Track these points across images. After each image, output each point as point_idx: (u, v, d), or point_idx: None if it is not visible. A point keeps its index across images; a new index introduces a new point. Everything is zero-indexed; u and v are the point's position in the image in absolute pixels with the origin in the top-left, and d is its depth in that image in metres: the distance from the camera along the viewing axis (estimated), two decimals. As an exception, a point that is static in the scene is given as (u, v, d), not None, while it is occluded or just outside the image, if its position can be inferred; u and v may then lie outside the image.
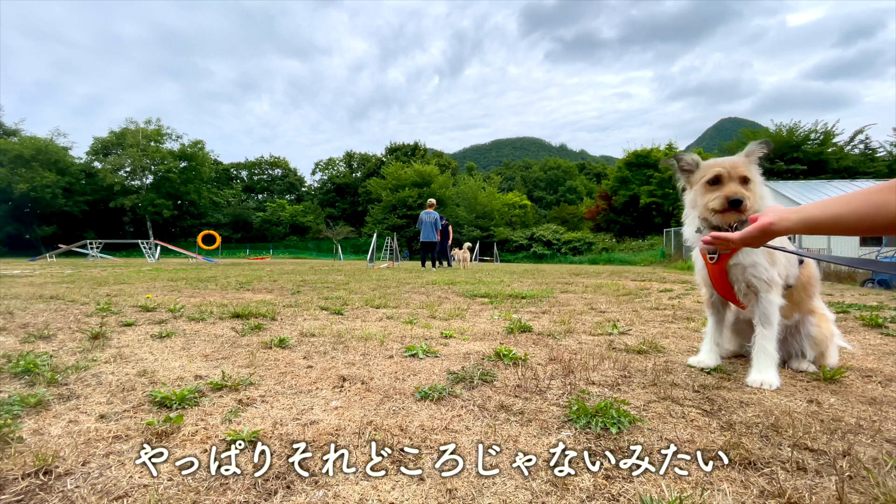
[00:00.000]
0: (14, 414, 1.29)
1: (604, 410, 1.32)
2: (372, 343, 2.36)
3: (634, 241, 31.04)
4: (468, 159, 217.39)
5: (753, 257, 1.74)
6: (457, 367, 1.91)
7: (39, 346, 2.21)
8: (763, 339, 1.77)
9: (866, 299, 5.13)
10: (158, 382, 1.64)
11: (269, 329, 2.73)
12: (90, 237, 23.91)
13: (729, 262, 1.77)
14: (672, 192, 33.22)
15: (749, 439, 1.20)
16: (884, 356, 2.24)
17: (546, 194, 66.77)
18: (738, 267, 1.76)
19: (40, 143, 33.33)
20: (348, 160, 57.59)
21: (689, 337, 2.68)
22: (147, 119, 39.00)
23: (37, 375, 1.66)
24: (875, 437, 1.24)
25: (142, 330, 2.65)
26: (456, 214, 36.31)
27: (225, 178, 54.54)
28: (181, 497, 0.91)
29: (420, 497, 0.93)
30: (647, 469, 1.05)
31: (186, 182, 40.08)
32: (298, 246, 39.79)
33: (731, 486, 0.98)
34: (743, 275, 1.76)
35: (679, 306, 4.16)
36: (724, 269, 1.80)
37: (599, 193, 43.83)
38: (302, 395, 1.55)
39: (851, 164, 22.86)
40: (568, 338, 2.60)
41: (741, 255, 1.74)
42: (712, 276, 1.86)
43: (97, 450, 1.10)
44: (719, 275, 1.82)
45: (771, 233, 1.27)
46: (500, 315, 3.45)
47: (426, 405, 1.46)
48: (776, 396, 1.59)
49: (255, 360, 1.98)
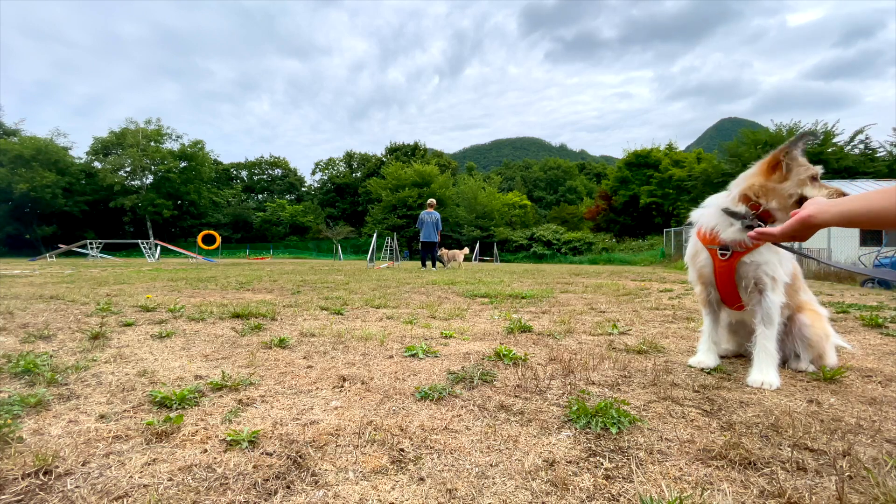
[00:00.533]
0: (14, 414, 1.29)
1: (604, 410, 1.32)
2: (372, 343, 2.36)
3: (634, 241, 31.07)
4: (468, 159, 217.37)
5: (766, 255, 1.73)
6: (457, 367, 1.91)
7: (39, 346, 2.21)
8: (764, 338, 1.77)
9: (866, 299, 5.12)
10: (158, 382, 1.64)
11: (269, 329, 2.73)
12: (90, 237, 23.92)
13: (742, 258, 1.75)
14: (672, 192, 33.25)
15: (749, 439, 1.20)
16: (884, 356, 2.24)
17: (546, 194, 66.79)
18: (750, 265, 1.75)
19: (40, 143, 33.34)
20: (348, 160, 57.61)
21: (689, 337, 2.68)
22: (147, 119, 39.07)
23: (37, 375, 1.66)
24: (875, 437, 1.24)
25: (142, 330, 2.65)
26: (456, 214, 36.32)
27: (225, 178, 54.56)
28: (181, 497, 0.91)
29: (420, 497, 0.93)
30: (647, 469, 1.05)
31: (186, 182, 40.08)
32: (298, 246, 39.80)
33: (731, 486, 0.98)
34: (754, 272, 1.75)
35: (679, 306, 4.16)
36: (733, 267, 1.78)
37: (599, 193, 43.88)
38: (302, 395, 1.55)
39: (851, 164, 22.87)
40: (568, 338, 2.60)
41: (754, 253, 1.73)
42: (718, 274, 1.84)
43: (97, 450, 1.10)
44: (727, 272, 1.80)
45: (812, 225, 1.26)
46: (500, 315, 3.45)
47: (426, 405, 1.46)
48: (776, 396, 1.59)
49: (255, 360, 1.98)
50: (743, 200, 1.73)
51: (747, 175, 1.75)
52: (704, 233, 1.84)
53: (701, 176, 26.87)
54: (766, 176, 1.68)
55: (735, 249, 1.75)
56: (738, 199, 1.75)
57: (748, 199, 1.72)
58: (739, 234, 1.73)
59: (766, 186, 1.68)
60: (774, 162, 1.66)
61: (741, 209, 1.73)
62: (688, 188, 29.74)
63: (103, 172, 36.77)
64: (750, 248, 1.73)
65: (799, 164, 1.65)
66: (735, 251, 1.75)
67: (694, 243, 1.93)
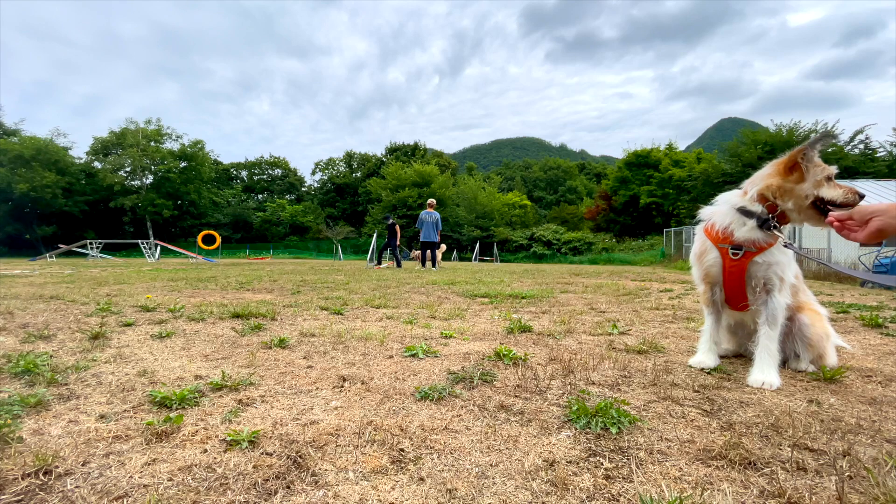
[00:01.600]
0: (14, 414, 1.29)
1: (604, 410, 1.32)
2: (372, 343, 2.36)
3: (634, 241, 31.06)
4: (468, 159, 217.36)
5: (778, 256, 1.73)
6: (457, 367, 1.91)
7: (39, 346, 2.21)
8: (767, 338, 1.77)
9: (866, 299, 5.12)
10: (158, 382, 1.64)
11: (269, 329, 2.73)
12: (90, 237, 23.92)
13: (755, 258, 1.75)
14: (672, 192, 33.24)
15: (749, 439, 1.20)
16: (884, 356, 2.24)
17: (546, 194, 66.78)
18: (762, 264, 1.75)
19: (40, 143, 33.30)
20: (348, 160, 57.58)
21: (689, 337, 2.68)
22: (147, 119, 39.01)
23: (37, 375, 1.66)
24: (875, 437, 1.24)
25: (142, 330, 2.65)
26: (456, 214, 36.33)
27: (225, 178, 54.54)
28: (181, 497, 0.91)
29: (420, 497, 0.93)
30: (647, 469, 1.05)
31: (186, 182, 40.07)
32: (298, 246, 39.78)
33: (731, 486, 0.98)
34: (765, 272, 1.75)
35: (679, 306, 4.16)
36: (744, 267, 1.77)
37: (599, 193, 43.87)
38: (302, 395, 1.55)
39: (851, 164, 22.85)
40: (568, 338, 2.60)
41: (766, 253, 1.73)
42: (727, 273, 1.82)
43: (97, 450, 1.10)
44: (737, 272, 1.80)
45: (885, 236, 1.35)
46: (500, 315, 3.45)
47: (426, 405, 1.46)
48: (776, 396, 1.59)
49: (255, 360, 1.98)
50: (760, 200, 1.73)
51: (764, 175, 1.74)
52: (717, 231, 1.81)
53: (701, 176, 26.86)
54: (783, 176, 1.68)
55: (748, 249, 1.75)
56: (755, 199, 1.74)
57: (765, 199, 1.72)
58: (754, 234, 1.73)
59: (783, 187, 1.68)
60: (791, 163, 1.67)
61: (757, 208, 1.73)
62: (688, 188, 29.73)
63: (103, 172, 36.75)
64: (763, 248, 1.73)
65: (815, 165, 1.65)
66: (747, 251, 1.75)
67: (702, 241, 1.90)
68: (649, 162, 37.39)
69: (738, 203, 1.78)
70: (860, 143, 24.64)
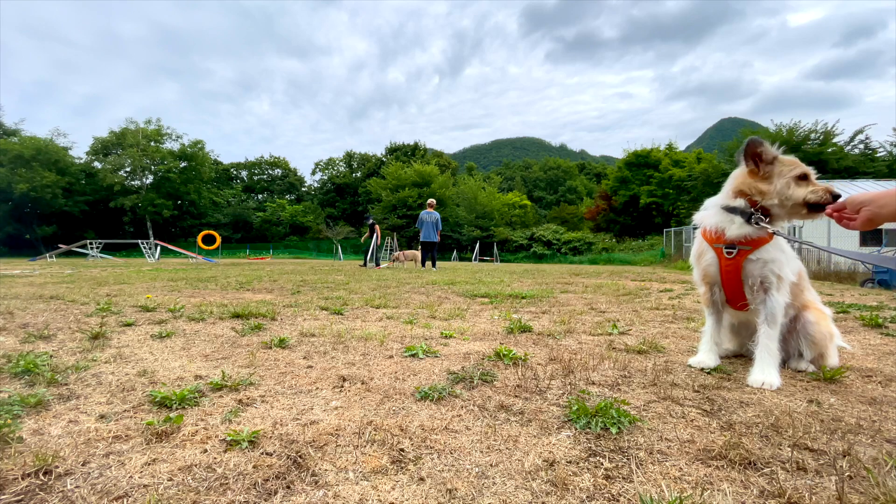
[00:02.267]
0: (14, 414, 1.29)
1: (604, 410, 1.32)
2: (372, 343, 2.36)
3: (634, 241, 31.05)
4: (468, 159, 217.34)
5: (773, 253, 1.73)
6: (457, 367, 1.91)
7: (39, 346, 2.21)
8: (767, 338, 1.77)
9: (866, 299, 5.12)
10: (158, 382, 1.64)
11: (269, 329, 2.73)
12: (90, 237, 23.91)
13: (749, 256, 1.76)
14: (672, 192, 33.25)
15: (749, 439, 1.20)
16: (884, 356, 2.24)
17: (546, 194, 66.78)
18: (757, 262, 1.75)
19: (40, 143, 33.30)
20: (348, 160, 57.58)
21: (689, 337, 2.68)
22: (147, 119, 38.99)
23: (37, 375, 1.66)
24: (875, 437, 1.24)
25: (142, 330, 2.65)
26: (456, 214, 36.33)
27: (225, 178, 54.52)
28: (181, 497, 0.91)
29: (420, 497, 0.93)
30: (647, 469, 1.05)
31: (186, 182, 40.06)
32: (298, 246, 39.77)
33: (731, 486, 0.98)
34: (760, 270, 1.75)
35: (679, 306, 4.16)
36: (740, 265, 1.78)
37: (599, 193, 43.86)
38: (302, 395, 1.55)
39: (851, 164, 22.84)
40: (568, 338, 2.60)
41: (761, 251, 1.74)
42: (724, 273, 1.84)
43: (97, 450, 1.10)
44: (733, 271, 1.80)
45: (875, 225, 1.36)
46: (500, 315, 3.45)
47: (426, 405, 1.46)
48: (776, 396, 1.59)
49: (255, 360, 1.98)
50: (739, 195, 1.76)
51: (736, 174, 1.80)
52: (710, 232, 1.84)
53: (701, 176, 26.86)
54: (752, 176, 1.73)
55: (741, 246, 1.75)
56: (732, 195, 1.78)
57: (744, 193, 1.75)
58: (744, 229, 1.74)
59: (754, 186, 1.72)
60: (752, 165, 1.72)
61: (739, 203, 1.75)
62: (688, 188, 29.74)
63: (103, 172, 36.74)
64: (756, 245, 1.73)
65: (783, 164, 1.66)
66: (741, 249, 1.76)
67: (699, 243, 1.93)
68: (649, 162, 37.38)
69: (721, 202, 1.82)
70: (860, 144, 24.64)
